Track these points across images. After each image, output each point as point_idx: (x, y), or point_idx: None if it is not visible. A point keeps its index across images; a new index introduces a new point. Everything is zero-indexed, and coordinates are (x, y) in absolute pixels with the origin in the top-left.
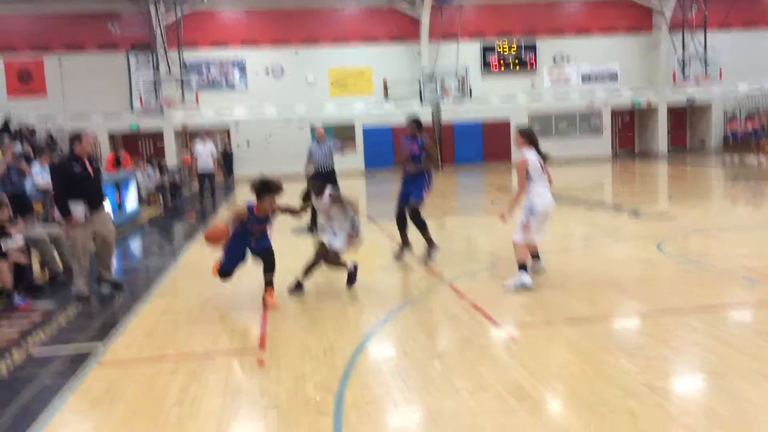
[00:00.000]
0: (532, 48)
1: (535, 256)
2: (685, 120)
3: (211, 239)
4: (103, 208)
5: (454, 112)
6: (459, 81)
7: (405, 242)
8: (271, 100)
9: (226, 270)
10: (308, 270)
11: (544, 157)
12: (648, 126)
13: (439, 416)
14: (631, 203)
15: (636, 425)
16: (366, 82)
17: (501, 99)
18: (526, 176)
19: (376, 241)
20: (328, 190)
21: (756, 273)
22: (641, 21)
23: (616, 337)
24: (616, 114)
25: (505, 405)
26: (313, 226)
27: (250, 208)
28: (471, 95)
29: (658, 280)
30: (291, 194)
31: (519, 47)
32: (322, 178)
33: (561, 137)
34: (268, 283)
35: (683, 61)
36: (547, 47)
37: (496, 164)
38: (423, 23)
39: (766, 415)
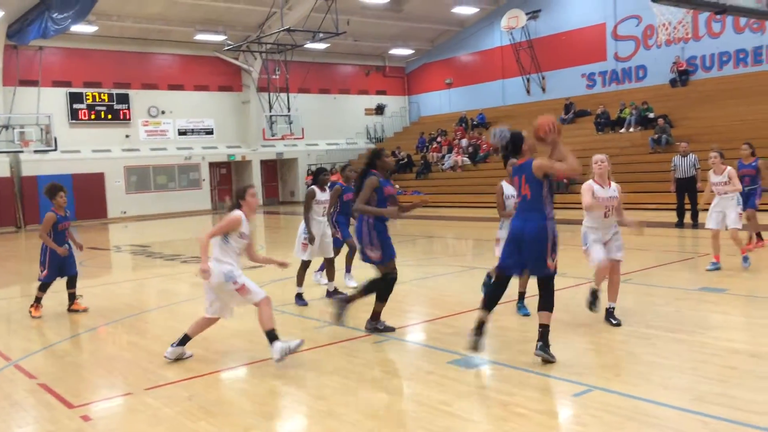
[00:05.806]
0: (125, 99)
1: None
2: (276, 173)
3: None
4: None
5: (38, 165)
6: (42, 130)
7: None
8: None
9: None
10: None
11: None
12: (244, 179)
13: None
14: None
15: None
16: None
17: (93, 151)
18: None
19: None
20: None
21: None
22: (232, 80)
23: (199, 398)
24: (214, 168)
25: None
26: None
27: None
28: (56, 146)
29: (239, 332)
30: None
31: (111, 97)
32: None
33: (160, 191)
34: None
35: (271, 119)
36: (141, 99)
37: (90, 221)
38: None
39: None
